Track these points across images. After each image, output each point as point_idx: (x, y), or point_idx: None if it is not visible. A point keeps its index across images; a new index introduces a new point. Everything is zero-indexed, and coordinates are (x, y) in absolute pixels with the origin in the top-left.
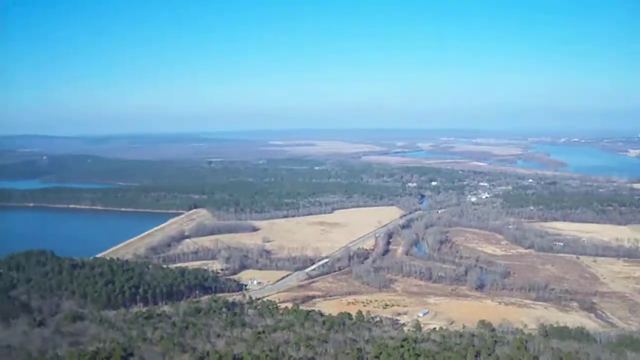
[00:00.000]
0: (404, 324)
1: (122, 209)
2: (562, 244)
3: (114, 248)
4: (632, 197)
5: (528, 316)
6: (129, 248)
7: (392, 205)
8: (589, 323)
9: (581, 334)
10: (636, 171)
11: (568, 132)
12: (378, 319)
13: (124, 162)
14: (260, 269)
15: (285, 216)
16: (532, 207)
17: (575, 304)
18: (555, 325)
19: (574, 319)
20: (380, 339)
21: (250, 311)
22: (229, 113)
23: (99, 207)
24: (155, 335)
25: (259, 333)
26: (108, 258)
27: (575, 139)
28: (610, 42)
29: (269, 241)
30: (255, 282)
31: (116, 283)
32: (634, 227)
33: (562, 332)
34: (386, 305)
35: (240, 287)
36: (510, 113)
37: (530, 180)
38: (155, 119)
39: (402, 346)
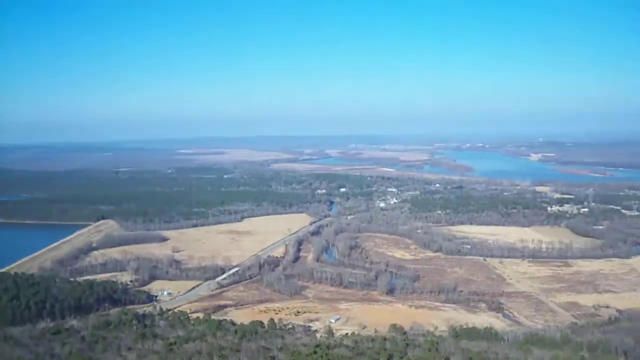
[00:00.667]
0: (316, 331)
1: (27, 222)
2: (469, 246)
3: (18, 262)
4: (535, 200)
5: (438, 318)
6: (34, 262)
7: (301, 212)
8: (497, 323)
9: (490, 334)
10: (538, 174)
11: (473, 138)
12: (290, 326)
13: (30, 172)
14: (170, 280)
15: (194, 225)
16: (439, 212)
17: (483, 305)
18: (465, 326)
19: (482, 319)
20: (293, 347)
21: (161, 322)
22: (140, 121)
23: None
24: (64, 350)
25: (171, 344)
26: (12, 273)
27: (480, 144)
28: (517, 48)
29: (178, 251)
30: (165, 293)
31: (21, 298)
32: (537, 228)
33: (472, 333)
34: (298, 312)
35: (151, 298)
36: (417, 119)
37: (438, 185)
38: (70, 127)
39: (315, 352)
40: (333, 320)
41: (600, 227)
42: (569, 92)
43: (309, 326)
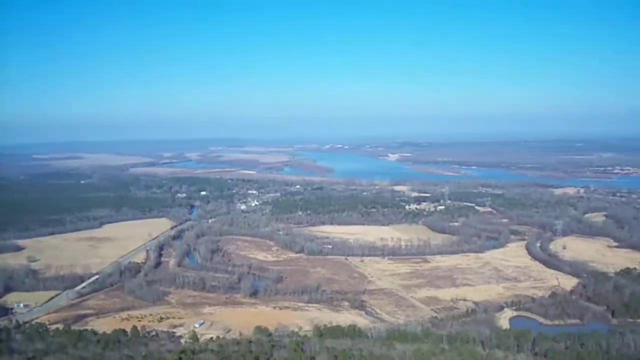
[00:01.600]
0: (180, 336)
1: None
2: (330, 246)
3: None
4: (394, 199)
5: (303, 318)
6: None
7: (162, 217)
8: (361, 320)
9: (353, 331)
10: (396, 174)
11: (332, 139)
12: (154, 333)
13: None
14: (27, 291)
15: (51, 233)
16: (300, 213)
17: (346, 303)
18: (329, 325)
19: (346, 317)
20: (157, 354)
21: (18, 336)
22: None
23: None
24: None
25: (29, 359)
26: None
27: (340, 146)
28: (370, 56)
29: (35, 260)
30: (22, 305)
31: None
32: (396, 226)
33: (336, 331)
34: (161, 318)
35: (6, 311)
36: (279, 122)
37: (298, 186)
38: None
39: (180, 359)
40: (197, 325)
41: (456, 223)
42: (424, 97)
43: (173, 332)
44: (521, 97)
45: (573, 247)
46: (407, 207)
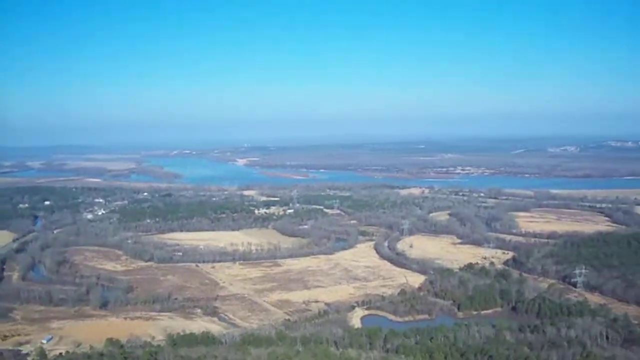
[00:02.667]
0: (27, 354)
1: None
2: (181, 253)
3: None
4: (243, 204)
5: (155, 328)
6: None
7: (3, 229)
8: (214, 327)
9: (207, 338)
10: (244, 178)
11: (180, 145)
12: None
13: None
14: None
15: None
16: (149, 220)
17: (199, 311)
18: (182, 333)
19: (199, 325)
20: None
21: None
22: None
23: None
24: None
25: None
26: None
27: (187, 151)
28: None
29: None
30: None
31: None
32: (246, 231)
33: (190, 339)
34: (5, 336)
35: None
36: (123, 126)
37: (146, 193)
38: None
39: None
40: (45, 341)
41: (306, 226)
42: (272, 100)
43: (19, 350)
44: (365, 100)
45: (419, 246)
46: (256, 211)
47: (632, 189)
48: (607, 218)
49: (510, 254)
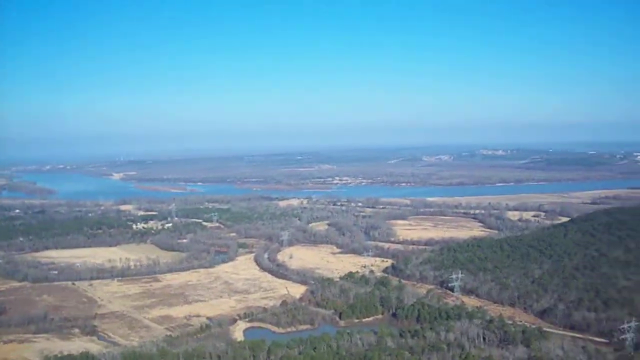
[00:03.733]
0: None
1: None
2: (56, 272)
3: None
4: (120, 219)
5: (31, 351)
6: None
7: None
8: (93, 346)
9: (87, 359)
10: (121, 193)
11: (53, 159)
12: None
13: None
14: None
15: None
16: (21, 238)
17: (77, 330)
18: (60, 355)
19: (77, 345)
20: None
21: None
22: None
23: None
24: None
25: None
26: None
27: (61, 166)
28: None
29: None
30: None
31: None
32: (124, 247)
33: None
34: None
35: None
36: None
37: (18, 210)
38: None
39: None
40: None
41: (185, 240)
42: (148, 114)
43: None
44: (240, 114)
45: (299, 256)
46: (134, 226)
47: (503, 195)
48: (480, 224)
49: (389, 262)
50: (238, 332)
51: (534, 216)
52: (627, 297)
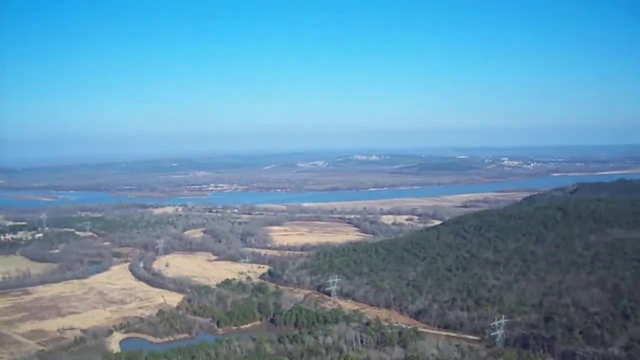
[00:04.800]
0: None
1: None
2: None
3: None
4: None
5: None
6: None
7: None
8: None
9: None
10: None
11: None
12: None
13: None
14: None
15: None
16: None
17: None
18: None
19: None
20: None
21: None
22: None
23: None
24: None
25: None
26: None
27: None
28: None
29: None
30: None
31: None
32: None
33: None
34: None
35: None
36: None
37: None
38: None
39: None
40: None
41: (57, 250)
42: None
43: None
44: (116, 120)
45: (176, 264)
46: (2, 237)
47: (378, 200)
48: (356, 228)
49: (266, 268)
50: (114, 344)
51: (407, 220)
52: (497, 295)
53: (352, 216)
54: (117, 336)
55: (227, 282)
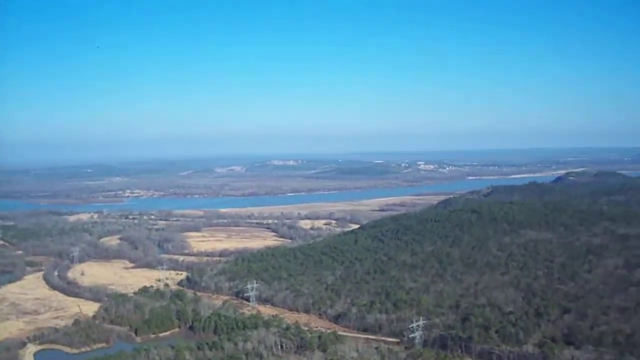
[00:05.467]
0: None
1: None
2: None
3: None
4: None
5: None
6: None
7: None
8: None
9: None
10: None
11: None
12: None
13: None
14: None
15: None
16: None
17: None
18: None
19: None
20: None
21: None
22: None
23: None
24: None
25: None
26: None
27: None
28: None
29: None
30: None
31: None
32: None
33: None
34: None
35: None
36: None
37: None
38: None
39: None
40: None
41: None
42: None
43: None
44: (28, 124)
45: (91, 272)
46: None
47: (295, 205)
48: (274, 233)
49: (184, 274)
50: (28, 356)
51: (325, 224)
52: (415, 297)
53: (270, 221)
54: (32, 348)
55: (144, 290)
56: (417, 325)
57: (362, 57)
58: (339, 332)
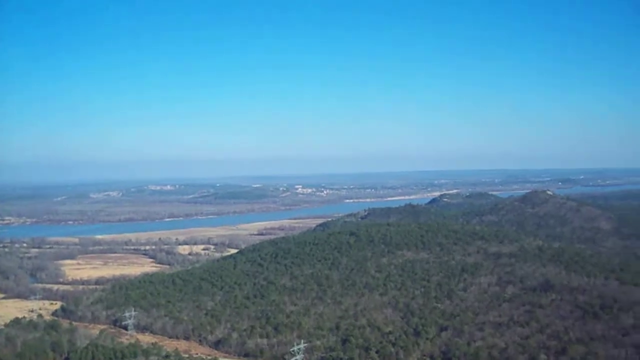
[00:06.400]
0: None
1: None
2: None
3: None
4: None
5: None
6: None
7: None
8: None
9: None
10: None
11: None
12: None
13: None
14: None
15: None
16: None
17: None
18: None
19: None
20: None
21: None
22: None
23: None
24: None
25: None
26: None
27: None
28: None
29: None
30: None
31: None
32: None
33: None
34: None
35: None
36: None
37: None
38: None
39: None
40: None
41: None
42: None
43: None
44: None
45: None
46: None
47: (173, 230)
48: (151, 259)
49: (59, 304)
50: None
51: (204, 249)
52: (295, 321)
53: (148, 247)
54: None
55: (16, 322)
56: (298, 349)
57: (240, 82)
58: (220, 359)
